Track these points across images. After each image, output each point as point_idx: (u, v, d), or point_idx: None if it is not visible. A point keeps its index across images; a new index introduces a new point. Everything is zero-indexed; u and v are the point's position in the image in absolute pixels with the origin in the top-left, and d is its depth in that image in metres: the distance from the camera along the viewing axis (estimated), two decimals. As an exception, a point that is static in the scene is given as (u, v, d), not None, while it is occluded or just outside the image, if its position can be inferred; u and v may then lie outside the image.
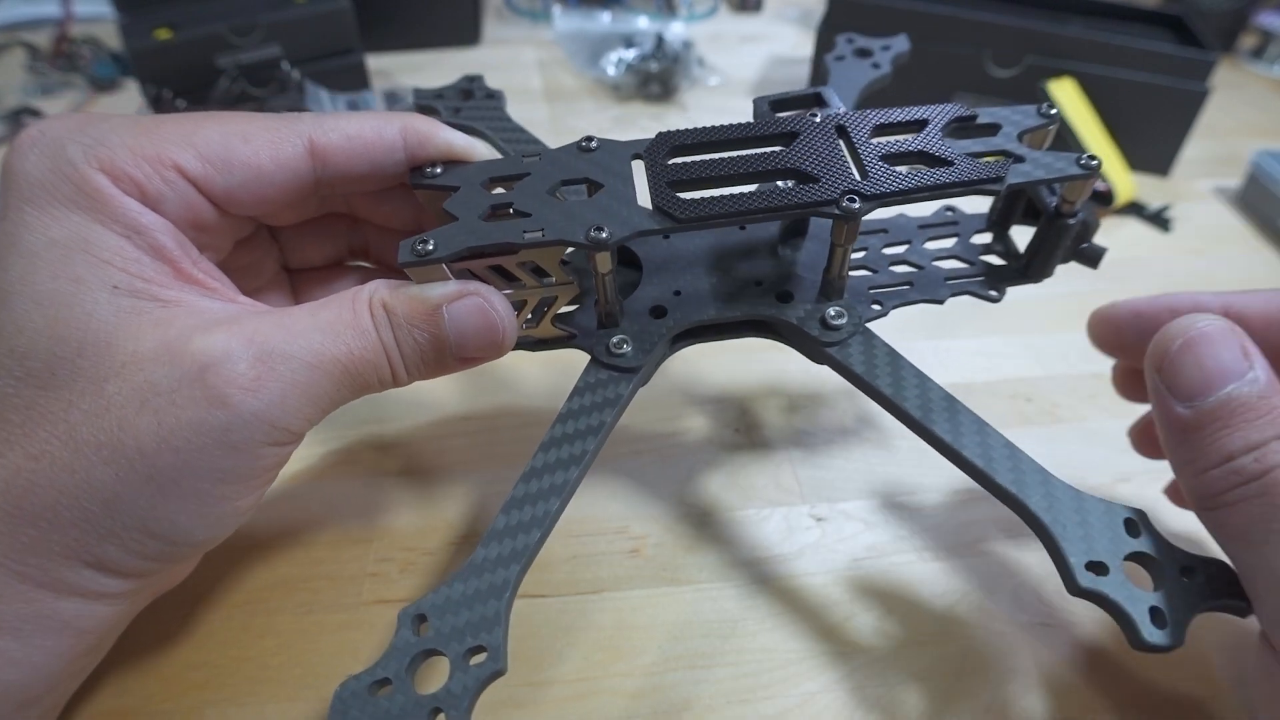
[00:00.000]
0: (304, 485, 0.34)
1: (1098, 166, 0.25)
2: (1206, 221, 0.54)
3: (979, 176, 0.24)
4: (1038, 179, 0.24)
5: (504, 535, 0.22)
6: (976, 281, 0.29)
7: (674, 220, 0.23)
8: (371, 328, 0.22)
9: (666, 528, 0.33)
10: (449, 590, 0.21)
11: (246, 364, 0.20)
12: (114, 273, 0.21)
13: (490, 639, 0.20)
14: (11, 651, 0.20)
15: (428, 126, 0.25)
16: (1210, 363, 0.21)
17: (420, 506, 0.33)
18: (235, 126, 0.23)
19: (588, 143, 0.26)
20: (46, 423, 0.20)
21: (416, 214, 0.28)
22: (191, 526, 0.21)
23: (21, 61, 0.65)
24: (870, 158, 0.24)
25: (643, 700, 0.27)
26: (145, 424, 0.20)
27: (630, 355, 0.26)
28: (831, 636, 0.29)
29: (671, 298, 0.27)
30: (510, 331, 0.24)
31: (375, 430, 0.36)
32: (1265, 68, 0.74)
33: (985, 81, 0.57)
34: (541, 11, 0.78)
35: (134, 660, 0.27)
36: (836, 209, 0.23)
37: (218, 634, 0.28)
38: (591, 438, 0.24)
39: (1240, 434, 0.20)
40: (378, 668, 0.20)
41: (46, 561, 0.20)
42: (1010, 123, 0.26)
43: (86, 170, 0.21)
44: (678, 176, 0.24)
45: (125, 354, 0.20)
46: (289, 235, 0.29)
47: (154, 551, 0.21)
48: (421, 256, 0.23)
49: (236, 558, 0.31)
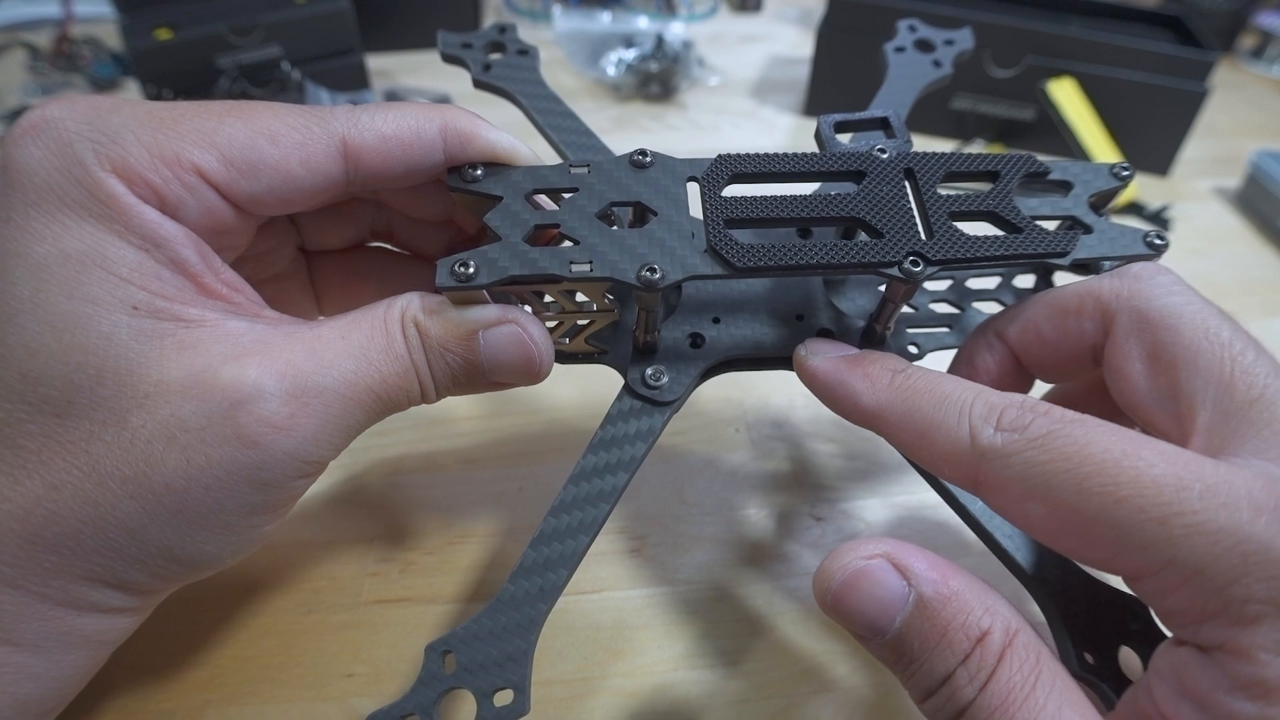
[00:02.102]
0: (304, 485, 0.34)
1: (1164, 247, 0.24)
2: (1206, 221, 0.54)
3: (1045, 250, 0.23)
4: (1102, 255, 0.24)
5: (532, 571, 0.22)
6: None
7: (730, 268, 0.22)
8: (404, 351, 0.21)
9: (666, 528, 0.33)
10: (476, 626, 0.21)
11: (280, 401, 0.19)
12: (133, 291, 0.19)
13: (516, 679, 0.20)
14: (32, 667, 0.20)
15: (470, 125, 0.23)
16: (870, 605, 0.19)
17: (420, 506, 0.33)
18: (262, 124, 0.21)
19: (642, 157, 0.24)
20: (66, 453, 0.19)
21: (447, 206, 0.27)
22: (218, 553, 0.21)
23: (22, 61, 0.65)
24: (938, 214, 0.23)
25: (642, 700, 0.27)
26: (173, 461, 0.19)
27: (667, 388, 0.25)
28: (831, 636, 0.29)
29: (710, 326, 0.26)
30: (547, 361, 0.23)
31: (376, 429, 0.36)
32: (1265, 68, 0.74)
33: (985, 81, 0.57)
34: (541, 11, 0.78)
35: (135, 660, 0.27)
36: (899, 271, 0.22)
37: (218, 634, 0.29)
38: (624, 472, 0.23)
39: (926, 667, 0.18)
40: (406, 702, 0.20)
41: (68, 584, 0.20)
42: (1081, 182, 0.25)
43: (99, 173, 0.19)
44: (736, 214, 0.23)
45: (149, 383, 0.19)
46: (309, 219, 0.27)
47: (176, 574, 0.21)
48: (462, 282, 0.21)
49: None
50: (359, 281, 0.29)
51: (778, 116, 0.63)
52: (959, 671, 0.18)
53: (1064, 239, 0.23)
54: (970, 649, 0.18)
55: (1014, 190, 0.24)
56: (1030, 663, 0.18)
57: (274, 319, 0.22)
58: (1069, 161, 0.25)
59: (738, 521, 0.33)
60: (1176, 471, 0.17)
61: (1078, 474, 0.17)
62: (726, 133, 0.61)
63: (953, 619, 0.18)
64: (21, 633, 0.19)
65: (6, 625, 0.19)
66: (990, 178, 0.24)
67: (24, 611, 0.19)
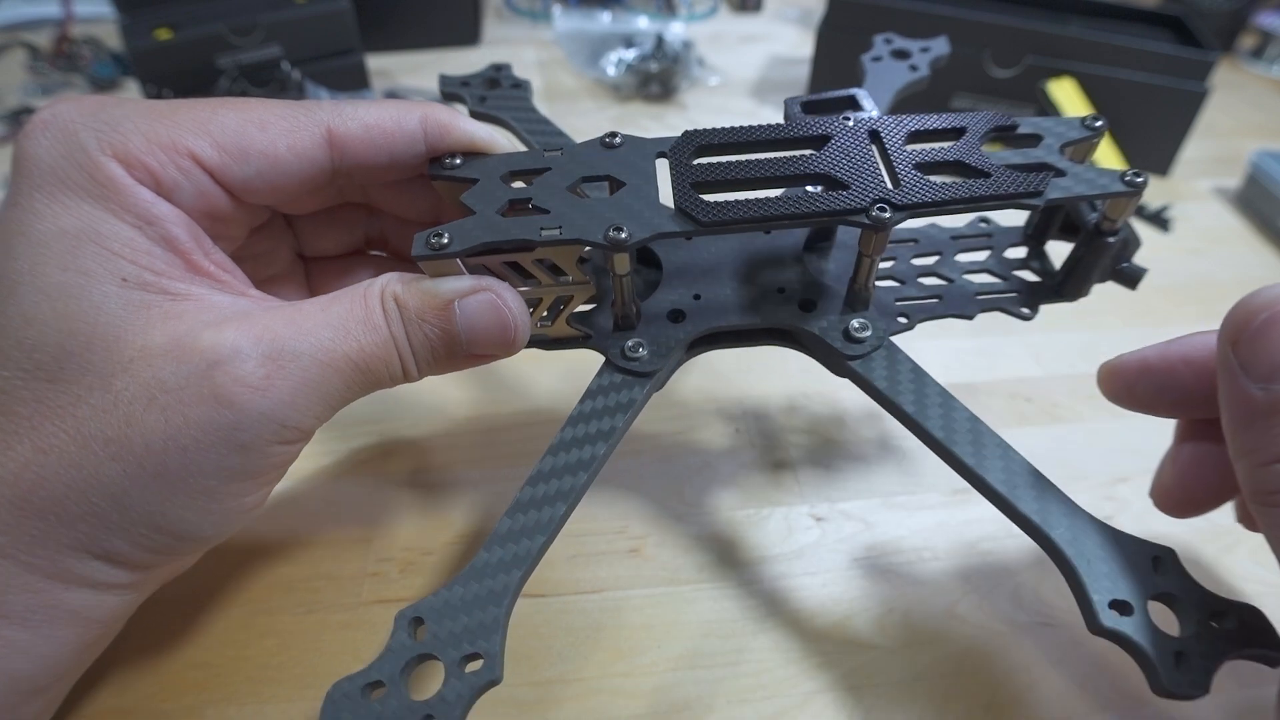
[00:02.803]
0: (305, 485, 0.34)
1: (1143, 184, 0.23)
2: (1206, 221, 0.54)
3: (1017, 190, 0.23)
4: (1079, 195, 0.23)
5: (507, 540, 0.22)
6: (1009, 298, 0.28)
7: (696, 223, 0.23)
8: (383, 323, 0.22)
9: (666, 528, 0.33)
10: (448, 594, 0.21)
11: (255, 362, 0.20)
12: (124, 265, 0.20)
13: (487, 646, 0.20)
14: (21, 641, 0.20)
15: (448, 117, 0.25)
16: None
17: (421, 506, 0.33)
18: (252, 114, 0.23)
19: (611, 138, 0.25)
20: (55, 417, 0.20)
21: (435, 205, 0.28)
22: (199, 522, 0.21)
23: (22, 61, 0.65)
24: (904, 166, 0.23)
25: (643, 700, 0.27)
26: (153, 421, 0.20)
27: (646, 359, 0.25)
28: (831, 636, 0.29)
29: (691, 302, 0.27)
30: (523, 329, 0.24)
31: (376, 429, 0.36)
32: (1265, 68, 0.74)
33: (985, 81, 0.57)
34: (541, 11, 0.78)
35: (134, 660, 0.27)
36: (866, 218, 0.22)
37: (218, 634, 0.28)
38: (602, 442, 0.23)
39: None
40: (372, 670, 0.19)
41: (54, 553, 0.20)
42: (1052, 134, 0.25)
43: (99, 157, 0.21)
44: (702, 177, 0.23)
45: (134, 349, 0.20)
46: (305, 223, 0.28)
47: (161, 545, 0.21)
48: (436, 250, 0.22)
49: (237, 558, 0.31)
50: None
51: (778, 116, 0.63)
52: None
53: (1035, 179, 0.23)
54: None
55: (980, 143, 0.24)
56: None
57: (258, 297, 0.23)
58: (1038, 119, 0.25)
59: (738, 521, 0.33)
60: None
61: None
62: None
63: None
64: (8, 604, 0.20)
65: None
66: (956, 134, 0.24)
67: (11, 583, 0.20)
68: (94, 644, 0.22)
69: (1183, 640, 0.20)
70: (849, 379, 0.26)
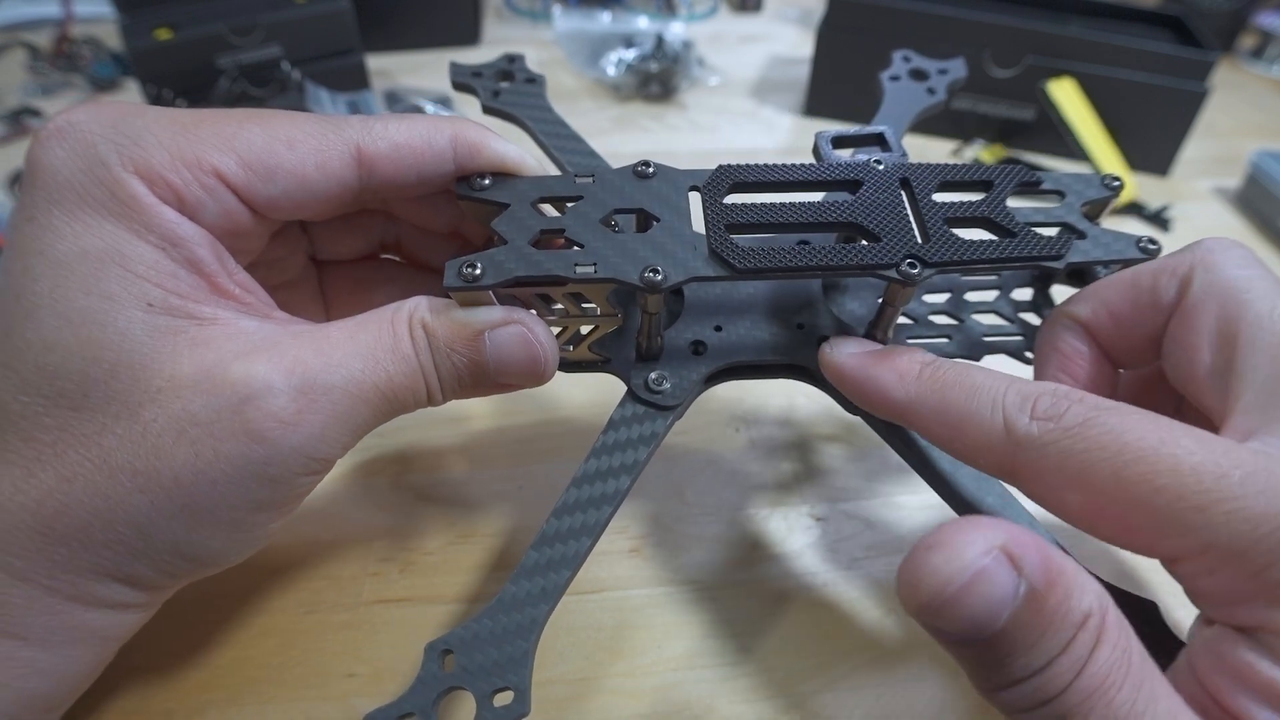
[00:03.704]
0: (304, 485, 0.34)
1: (1157, 251, 0.24)
2: (1206, 221, 0.54)
3: (1040, 253, 0.23)
4: (1096, 259, 0.24)
5: (534, 573, 0.22)
6: (1015, 342, 0.29)
7: (731, 269, 0.22)
8: (412, 353, 0.22)
9: (666, 528, 0.33)
10: (477, 626, 0.21)
11: (288, 398, 0.20)
12: (149, 289, 0.20)
13: (516, 680, 0.20)
14: (40, 661, 0.20)
15: (479, 136, 0.24)
16: (981, 607, 0.16)
17: (421, 506, 0.33)
18: (280, 130, 0.22)
19: (645, 168, 0.25)
20: (79, 445, 0.19)
21: (455, 217, 0.27)
22: (225, 550, 0.21)
23: (22, 61, 0.65)
24: (934, 219, 0.23)
25: (643, 700, 0.27)
26: (182, 455, 0.19)
27: (669, 393, 0.25)
28: (831, 636, 0.29)
29: (712, 334, 0.27)
30: (552, 362, 0.23)
31: (377, 430, 0.36)
32: (1265, 68, 0.74)
33: (985, 81, 0.57)
34: (541, 11, 0.78)
35: (137, 661, 0.27)
36: (896, 273, 0.22)
37: (218, 634, 0.29)
38: (626, 476, 0.24)
39: (1023, 661, 0.16)
40: (404, 702, 0.20)
41: (76, 577, 0.20)
42: (1073, 191, 0.25)
43: (121, 174, 0.20)
44: (736, 219, 0.23)
45: (162, 378, 0.19)
46: (321, 229, 0.28)
47: (183, 570, 0.21)
48: (469, 282, 0.22)
49: (237, 558, 0.31)
50: (367, 291, 0.29)
51: (778, 116, 0.63)
52: (1059, 660, 0.16)
53: (1058, 242, 0.23)
54: (1073, 635, 0.16)
55: (1007, 198, 0.24)
56: (1123, 642, 0.17)
57: (283, 319, 0.23)
58: (1060, 173, 0.26)
59: (738, 521, 0.33)
60: (1215, 459, 0.17)
61: (1115, 463, 0.17)
62: (726, 133, 0.61)
63: (1059, 605, 0.16)
64: (29, 626, 0.20)
65: (14, 619, 0.19)
66: (984, 187, 0.25)
67: (32, 605, 0.19)
68: (108, 659, 0.23)
69: None
70: (861, 417, 0.26)
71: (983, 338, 0.29)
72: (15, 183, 0.51)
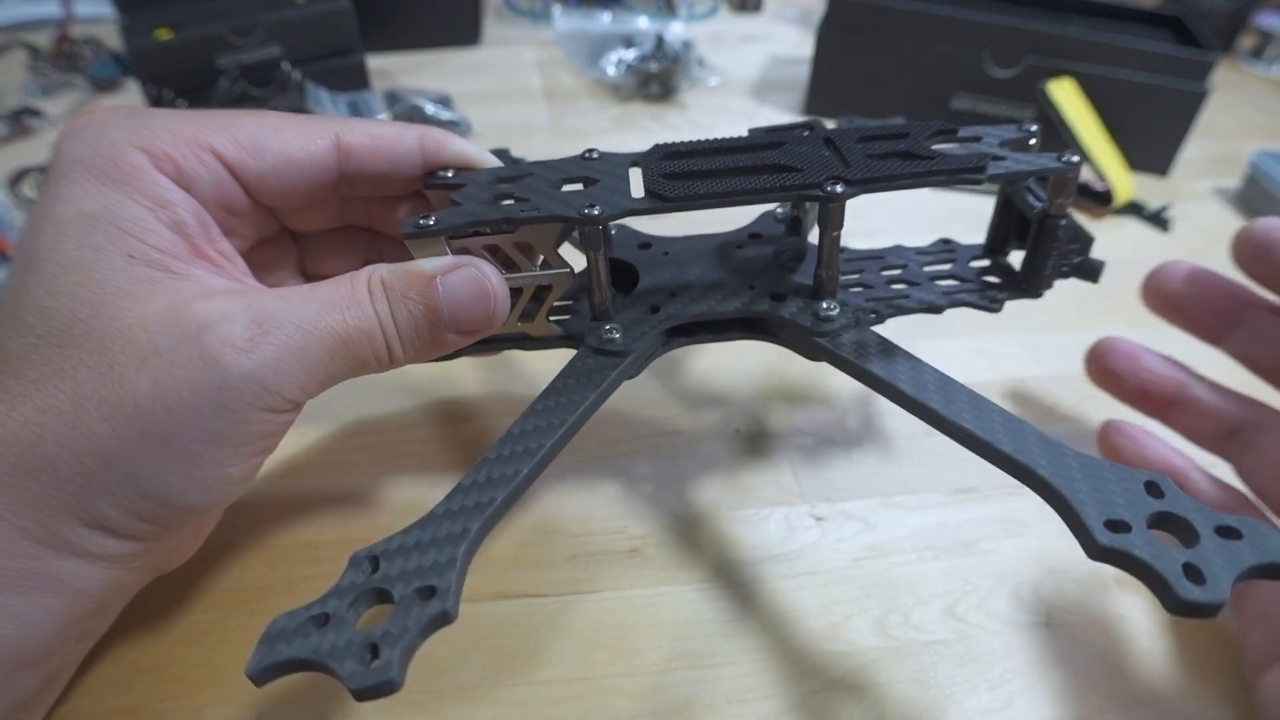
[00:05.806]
0: (304, 484, 0.34)
1: (1078, 163, 0.26)
2: (1205, 221, 0.54)
3: (961, 166, 0.24)
4: (1019, 170, 0.25)
5: (469, 490, 0.22)
6: (974, 293, 0.30)
7: (663, 200, 0.24)
8: (368, 301, 0.23)
9: (666, 527, 0.33)
10: (404, 538, 0.21)
11: (242, 325, 0.21)
12: (132, 242, 0.22)
13: (441, 581, 0.20)
14: (12, 607, 0.20)
15: (443, 135, 0.27)
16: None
17: (421, 506, 0.33)
18: (269, 121, 0.25)
19: (589, 153, 0.28)
20: (57, 378, 0.21)
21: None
22: (183, 489, 0.22)
23: (22, 62, 0.65)
24: (855, 155, 0.25)
25: (642, 700, 0.27)
26: (143, 382, 0.20)
27: (620, 341, 0.26)
28: (831, 636, 0.29)
29: (667, 299, 0.28)
30: (503, 301, 0.25)
31: (375, 429, 0.36)
32: (1264, 68, 0.74)
33: (985, 82, 0.57)
34: (541, 11, 0.78)
35: (134, 660, 0.27)
36: (821, 191, 0.24)
37: (217, 633, 0.29)
38: (571, 410, 0.24)
39: None
40: (316, 604, 0.19)
41: (45, 517, 0.20)
42: (991, 136, 0.27)
43: (125, 148, 0.22)
44: (670, 170, 0.25)
45: (133, 316, 0.21)
46: (310, 242, 0.30)
47: (146, 512, 0.21)
48: (422, 229, 0.24)
49: (237, 557, 0.31)
50: None
51: (778, 116, 0.63)
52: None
53: (978, 158, 0.25)
54: None
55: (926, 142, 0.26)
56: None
57: (254, 285, 0.25)
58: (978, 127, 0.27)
59: (738, 521, 0.33)
60: None
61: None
62: (726, 133, 0.61)
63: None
64: (1, 569, 0.20)
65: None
66: (902, 138, 0.26)
67: (4, 547, 0.20)
68: (85, 620, 0.23)
69: (1191, 552, 0.19)
70: (821, 357, 0.27)
71: (943, 293, 0.30)
72: (15, 182, 0.51)
